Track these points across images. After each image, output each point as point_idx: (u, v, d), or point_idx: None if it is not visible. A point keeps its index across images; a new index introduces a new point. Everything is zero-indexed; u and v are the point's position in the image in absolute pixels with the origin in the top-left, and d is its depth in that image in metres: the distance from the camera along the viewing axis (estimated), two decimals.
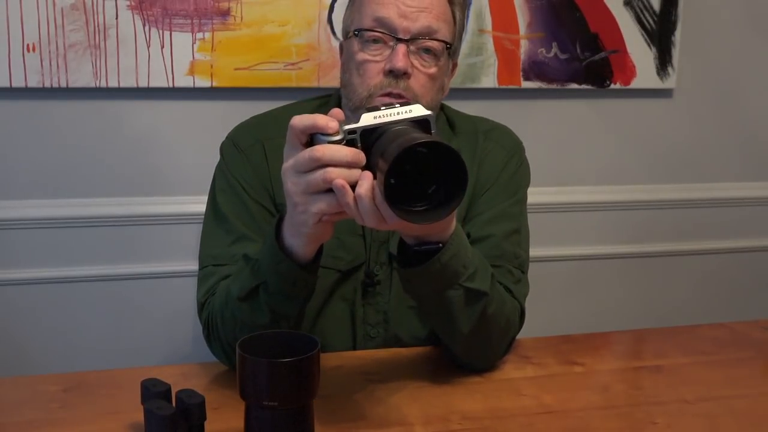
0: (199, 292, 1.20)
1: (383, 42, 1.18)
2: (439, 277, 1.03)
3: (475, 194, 1.27)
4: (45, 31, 1.58)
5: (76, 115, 1.66)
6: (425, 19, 1.17)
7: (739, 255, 2.13)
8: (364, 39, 1.19)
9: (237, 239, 1.20)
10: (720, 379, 1.20)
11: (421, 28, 1.17)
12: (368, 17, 1.19)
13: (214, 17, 1.66)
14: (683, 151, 2.04)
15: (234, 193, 1.24)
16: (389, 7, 1.17)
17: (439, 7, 1.20)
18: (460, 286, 1.06)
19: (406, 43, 1.17)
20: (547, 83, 1.87)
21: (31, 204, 1.68)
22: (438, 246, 1.01)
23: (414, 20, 1.17)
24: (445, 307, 1.07)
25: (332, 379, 1.14)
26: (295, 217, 0.97)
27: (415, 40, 1.18)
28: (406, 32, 1.17)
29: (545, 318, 1.87)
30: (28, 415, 1.05)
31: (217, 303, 1.13)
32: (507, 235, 1.24)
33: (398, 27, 1.17)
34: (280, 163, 1.25)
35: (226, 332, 1.11)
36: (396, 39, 1.17)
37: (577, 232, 2.00)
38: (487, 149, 1.31)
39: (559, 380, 1.19)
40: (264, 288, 1.05)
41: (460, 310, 1.08)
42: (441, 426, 1.03)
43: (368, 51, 1.19)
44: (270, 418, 0.88)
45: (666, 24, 1.92)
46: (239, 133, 1.31)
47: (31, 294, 1.70)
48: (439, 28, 1.19)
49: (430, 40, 1.18)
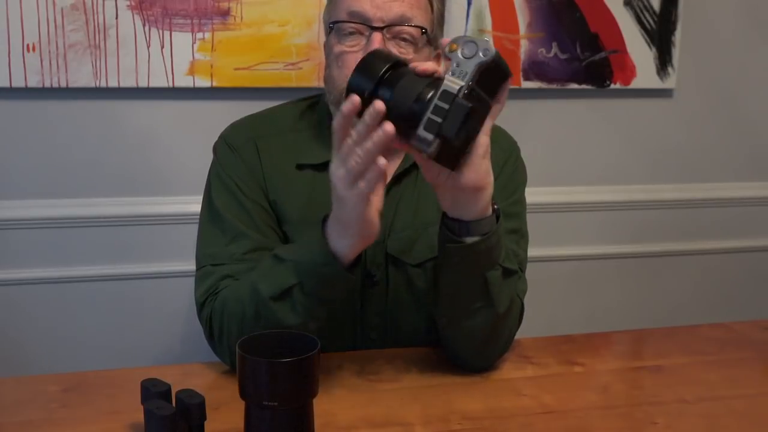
0: (197, 292, 1.20)
1: (359, 33, 1.19)
2: (488, 254, 1.08)
3: None
4: (45, 31, 1.58)
5: (76, 115, 1.66)
6: (398, 8, 1.18)
7: (739, 255, 2.13)
8: (340, 32, 1.21)
9: (234, 238, 1.20)
10: (720, 379, 1.20)
11: (395, 16, 1.18)
12: (343, 11, 1.20)
13: (214, 17, 1.66)
14: (683, 151, 2.04)
15: (229, 191, 1.24)
16: (362, 0, 1.18)
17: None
18: (500, 266, 1.10)
19: (381, 31, 1.18)
20: (547, 83, 1.87)
21: (31, 204, 1.68)
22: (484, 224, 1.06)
23: (387, 10, 1.18)
24: (485, 287, 1.10)
25: (332, 379, 1.14)
26: (342, 212, 1.00)
27: (390, 27, 1.18)
28: (380, 21, 1.18)
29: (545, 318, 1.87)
30: (28, 415, 1.05)
31: (231, 303, 1.12)
32: (507, 233, 1.24)
33: (372, 17, 1.18)
34: (272, 161, 1.26)
35: (244, 331, 1.10)
36: (371, 28, 1.18)
37: (577, 232, 2.00)
38: None
39: (559, 380, 1.19)
40: (300, 289, 1.06)
41: (500, 289, 1.11)
42: (441, 426, 1.03)
43: (345, 43, 1.20)
44: (270, 418, 0.88)
45: (666, 24, 1.92)
46: (231, 133, 1.31)
47: (31, 294, 1.70)
48: (413, 15, 1.19)
49: (406, 26, 1.19)
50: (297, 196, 1.25)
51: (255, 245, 1.20)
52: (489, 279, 1.10)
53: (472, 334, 1.15)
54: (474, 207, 1.06)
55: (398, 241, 1.24)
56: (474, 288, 1.11)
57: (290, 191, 1.25)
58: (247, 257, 1.19)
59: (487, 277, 1.10)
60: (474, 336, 1.15)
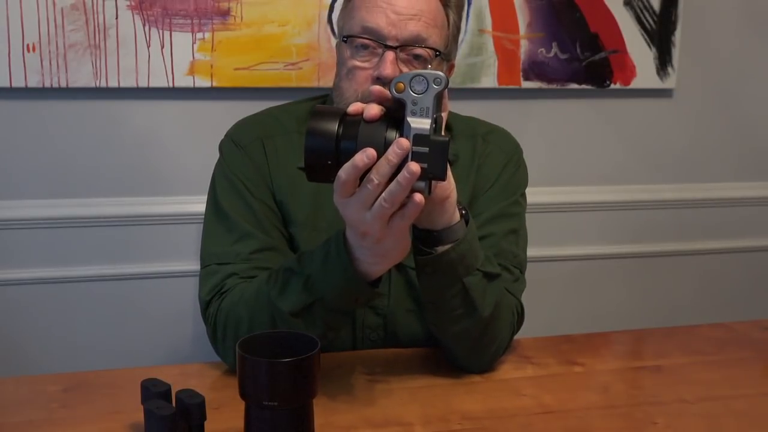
0: (202, 291, 1.20)
1: (372, 48, 1.18)
2: (461, 261, 1.07)
3: (474, 196, 1.28)
4: (45, 31, 1.58)
5: (76, 115, 1.66)
6: (414, 27, 1.17)
7: (739, 255, 2.13)
8: (353, 45, 1.20)
9: (240, 237, 1.20)
10: (720, 379, 1.20)
11: (409, 36, 1.17)
12: (357, 24, 1.19)
13: (214, 17, 1.66)
14: (683, 151, 2.04)
15: (235, 190, 1.24)
16: (378, 15, 1.17)
17: (430, 12, 1.19)
18: (479, 271, 1.09)
19: (395, 50, 1.17)
20: (547, 83, 1.87)
21: (31, 204, 1.68)
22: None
23: (403, 28, 1.17)
24: (466, 293, 1.09)
25: (332, 379, 1.14)
26: (381, 248, 1.00)
27: (404, 47, 1.17)
28: (395, 40, 1.17)
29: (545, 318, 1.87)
30: (28, 415, 1.05)
31: (242, 307, 1.12)
32: (505, 234, 1.25)
33: (386, 35, 1.17)
34: (279, 160, 1.26)
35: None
36: (384, 46, 1.17)
37: (577, 232, 2.00)
38: (486, 152, 1.31)
39: (559, 380, 1.19)
40: (321, 304, 1.05)
41: (482, 293, 1.10)
42: (441, 426, 1.03)
43: (358, 57, 1.19)
44: (270, 418, 0.88)
45: (666, 24, 1.92)
46: (238, 131, 1.31)
47: (31, 294, 1.70)
48: (429, 35, 1.18)
49: (420, 48, 1.18)
50: (302, 198, 1.25)
51: (261, 245, 1.20)
52: (468, 285, 1.09)
53: (460, 338, 1.15)
54: (441, 216, 1.05)
55: None
56: (454, 295, 1.10)
57: (296, 192, 1.25)
58: (253, 257, 1.18)
59: (465, 283, 1.09)
60: (463, 340, 1.15)
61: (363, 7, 1.19)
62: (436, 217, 1.05)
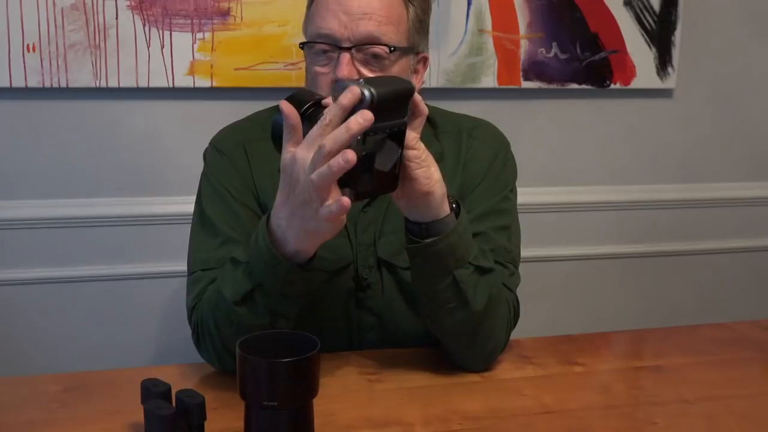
0: (188, 298, 1.20)
1: (329, 52, 1.19)
2: (451, 252, 1.07)
3: (463, 193, 1.27)
4: (45, 31, 1.58)
5: (76, 115, 1.66)
6: (365, 27, 1.17)
7: (739, 255, 2.13)
8: (312, 51, 1.21)
9: (223, 243, 1.20)
10: (720, 379, 1.20)
11: (362, 36, 1.17)
12: (313, 30, 1.20)
13: (214, 17, 1.66)
14: (683, 151, 2.04)
15: (219, 197, 1.24)
16: (330, 19, 1.18)
17: (382, 10, 1.18)
18: (470, 264, 1.09)
19: (349, 51, 1.17)
20: (547, 83, 1.87)
21: (31, 204, 1.68)
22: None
23: (354, 29, 1.17)
24: (457, 286, 1.09)
25: (332, 379, 1.14)
26: (310, 224, 0.98)
27: (359, 47, 1.18)
28: (348, 41, 1.17)
29: (545, 318, 1.87)
30: (28, 415, 1.05)
31: (207, 307, 1.13)
32: (497, 230, 1.25)
33: (339, 37, 1.17)
34: (262, 165, 1.26)
35: (222, 335, 1.11)
36: (339, 48, 1.17)
37: (577, 232, 2.00)
38: (472, 148, 1.31)
39: (559, 380, 1.19)
40: (260, 290, 1.05)
41: (473, 287, 1.10)
42: (441, 426, 1.03)
43: (318, 63, 1.20)
44: (270, 418, 0.88)
45: (666, 24, 1.92)
46: (221, 138, 1.32)
47: (31, 294, 1.70)
48: (382, 32, 1.18)
49: (374, 46, 1.18)
50: None
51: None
52: (458, 277, 1.09)
53: (454, 332, 1.15)
54: (427, 210, 1.06)
55: (389, 245, 1.24)
56: (445, 287, 1.10)
57: None
58: None
59: (456, 276, 1.09)
60: (459, 334, 1.15)
61: (317, 13, 1.20)
62: (422, 210, 1.06)
